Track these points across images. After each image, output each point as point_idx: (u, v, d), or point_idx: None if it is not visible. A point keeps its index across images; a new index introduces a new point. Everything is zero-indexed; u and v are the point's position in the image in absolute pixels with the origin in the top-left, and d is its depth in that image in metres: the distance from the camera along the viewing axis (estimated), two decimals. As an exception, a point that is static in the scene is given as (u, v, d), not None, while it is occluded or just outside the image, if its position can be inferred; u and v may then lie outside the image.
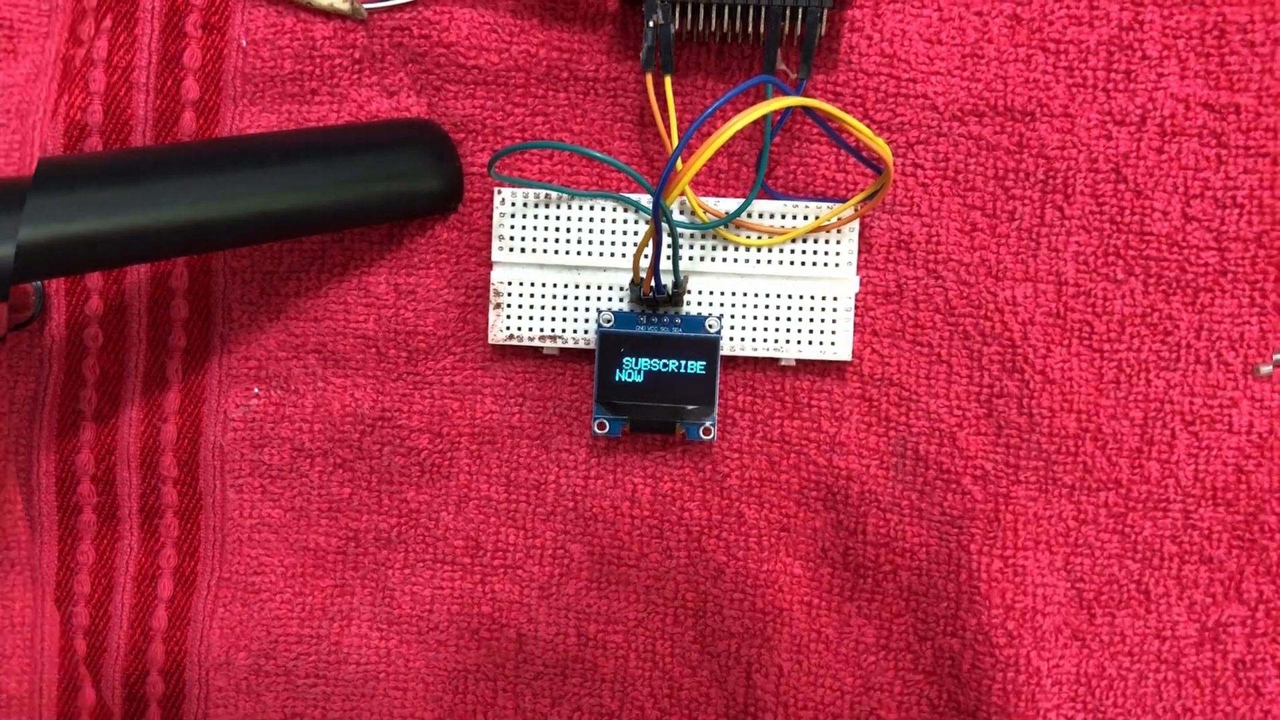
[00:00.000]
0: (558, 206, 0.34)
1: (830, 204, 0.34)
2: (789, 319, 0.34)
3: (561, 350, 0.35)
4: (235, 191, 0.31)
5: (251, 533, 0.37)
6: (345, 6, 0.34)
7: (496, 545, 0.36)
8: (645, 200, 0.34)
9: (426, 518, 0.36)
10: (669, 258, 0.33)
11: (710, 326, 0.34)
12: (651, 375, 0.34)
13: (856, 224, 0.34)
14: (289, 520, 0.37)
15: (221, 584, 0.37)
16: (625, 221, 0.34)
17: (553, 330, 0.34)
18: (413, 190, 0.34)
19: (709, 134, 0.32)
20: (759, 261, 0.34)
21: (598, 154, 0.32)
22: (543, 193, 0.34)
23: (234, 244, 0.34)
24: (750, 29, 0.32)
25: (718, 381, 0.34)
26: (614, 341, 0.34)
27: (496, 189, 0.34)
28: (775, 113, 0.31)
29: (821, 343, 0.34)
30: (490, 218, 0.35)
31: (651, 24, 0.32)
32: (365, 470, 0.36)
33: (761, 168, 0.33)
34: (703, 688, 0.36)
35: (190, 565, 0.37)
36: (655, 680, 0.36)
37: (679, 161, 0.30)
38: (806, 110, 0.33)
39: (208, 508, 0.37)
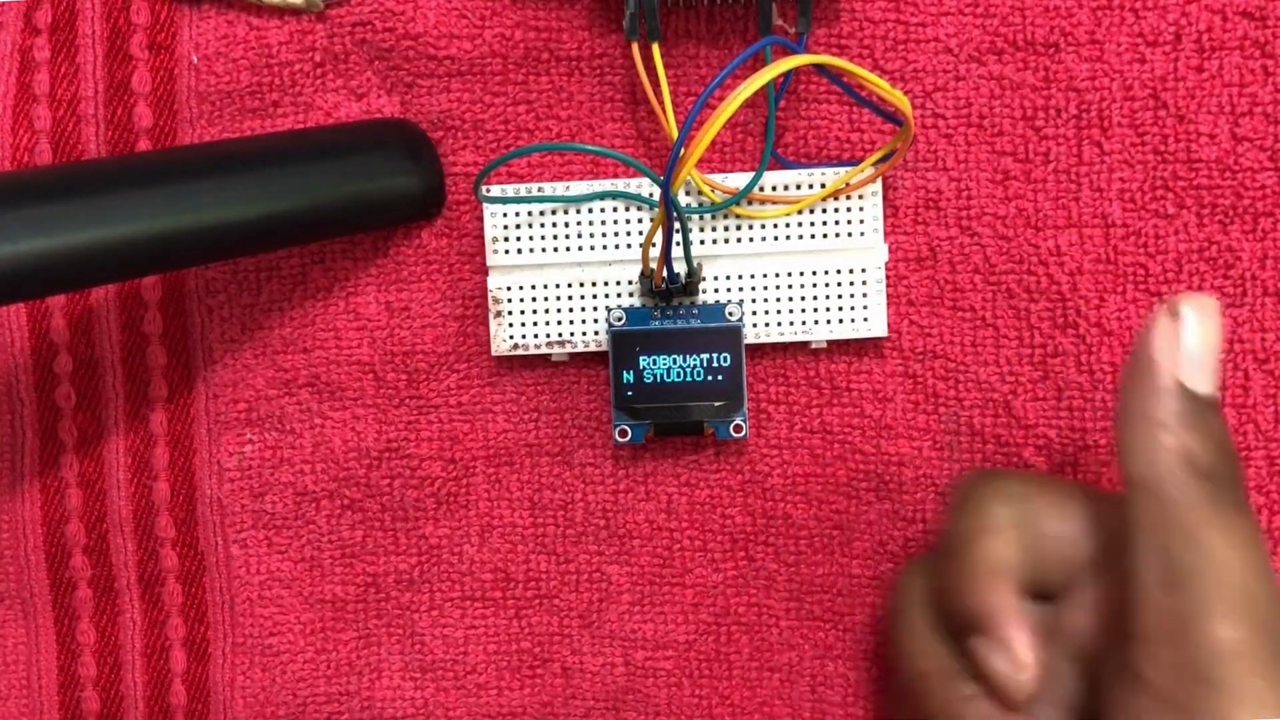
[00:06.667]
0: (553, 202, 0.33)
1: (847, 167, 0.32)
2: (815, 297, 0.33)
3: (572, 355, 0.34)
4: (195, 202, 0.29)
5: (262, 590, 0.37)
6: (299, 0, 0.34)
7: (528, 575, 0.36)
8: (648, 190, 0.33)
9: (449, 553, 0.36)
10: (679, 244, 0.32)
11: (730, 314, 0.33)
12: (672, 373, 0.33)
13: (879, 186, 0.33)
14: (300, 572, 0.36)
15: (236, 650, 0.37)
16: (627, 209, 0.33)
17: (560, 335, 0.34)
18: (390, 194, 0.33)
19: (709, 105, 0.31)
20: (777, 238, 0.33)
21: (590, 147, 0.32)
22: (536, 189, 0.33)
23: (197, 261, 0.33)
24: (741, -15, 0.31)
25: (744, 373, 0.33)
26: (627, 341, 0.33)
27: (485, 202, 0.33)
28: (779, 76, 0.30)
29: (854, 319, 0.33)
30: (480, 220, 0.34)
31: (633, -12, 0.31)
32: (377, 509, 0.36)
33: (770, 136, 0.32)
34: (765, 707, 0.36)
35: (200, 632, 0.37)
36: (714, 705, 0.36)
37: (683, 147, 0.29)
38: (818, 68, 0.31)
39: (211, 568, 0.37)
